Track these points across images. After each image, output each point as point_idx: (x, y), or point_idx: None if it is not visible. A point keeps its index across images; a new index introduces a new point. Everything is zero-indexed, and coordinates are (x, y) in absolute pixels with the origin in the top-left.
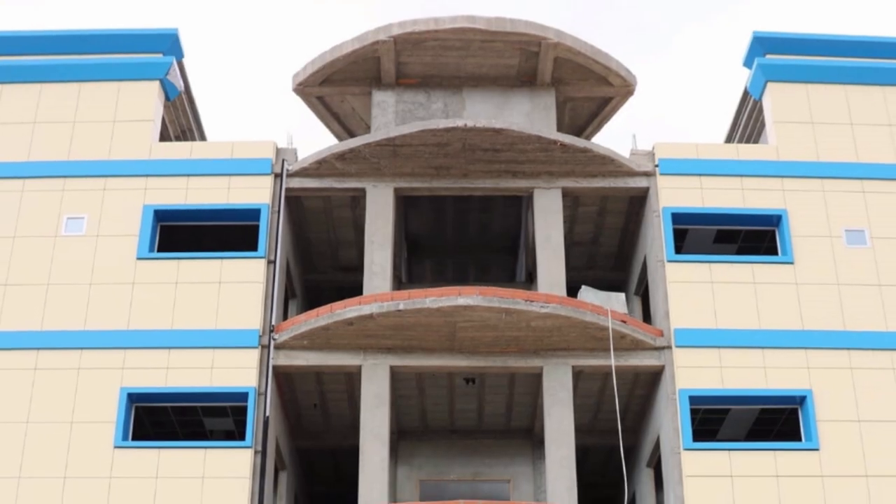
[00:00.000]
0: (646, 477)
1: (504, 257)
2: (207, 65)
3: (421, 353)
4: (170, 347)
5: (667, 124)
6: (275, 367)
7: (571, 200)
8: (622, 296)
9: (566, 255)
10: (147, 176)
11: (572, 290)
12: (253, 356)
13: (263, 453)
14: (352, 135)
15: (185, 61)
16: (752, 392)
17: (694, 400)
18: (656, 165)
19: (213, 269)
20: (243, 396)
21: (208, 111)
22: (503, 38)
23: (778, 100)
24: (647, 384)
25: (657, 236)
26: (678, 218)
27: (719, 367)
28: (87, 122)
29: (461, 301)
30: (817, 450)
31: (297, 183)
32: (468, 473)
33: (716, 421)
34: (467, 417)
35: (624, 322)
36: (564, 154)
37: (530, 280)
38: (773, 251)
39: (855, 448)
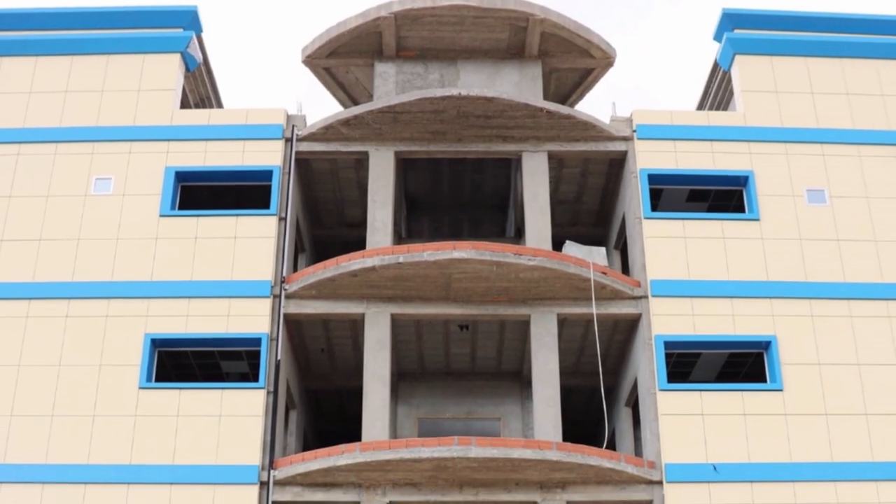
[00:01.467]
0: (624, 415)
1: (495, 214)
2: (224, 39)
3: (419, 301)
4: (189, 297)
5: (644, 93)
6: (285, 315)
7: (556, 162)
8: (603, 250)
9: (552, 213)
10: (169, 140)
11: (557, 245)
12: (265, 305)
13: (275, 393)
14: (356, 103)
15: (204, 36)
16: (722, 338)
17: (668, 345)
18: (634, 131)
19: (229, 226)
20: (257, 341)
21: (225, 81)
22: (494, 14)
23: (745, 71)
24: (625, 330)
25: (635, 195)
26: (654, 178)
27: (691, 315)
28: (114, 91)
29: (456, 254)
30: (781, 390)
31: (305, 147)
32: (462, 412)
33: (688, 364)
34: (461, 361)
35: (604, 274)
36: (550, 120)
37: (519, 235)
38: (741, 209)
39: (815, 389)
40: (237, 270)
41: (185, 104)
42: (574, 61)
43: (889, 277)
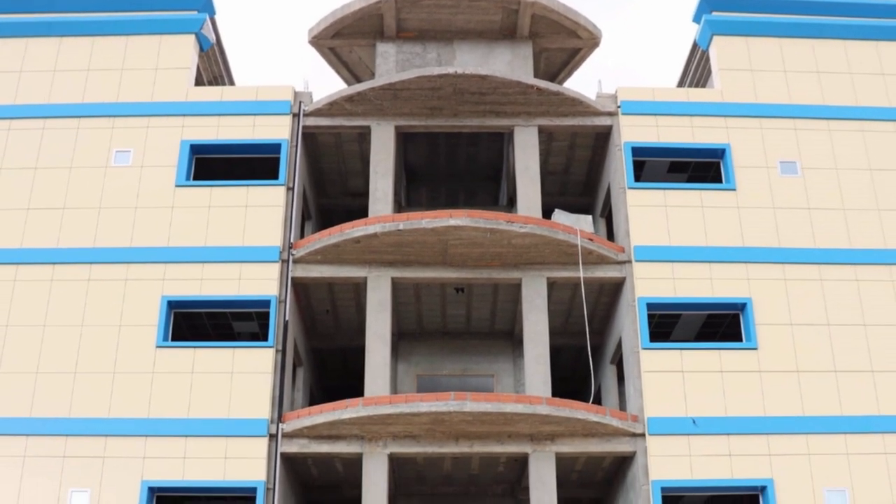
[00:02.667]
0: (610, 372)
1: (489, 185)
2: (236, 20)
3: (417, 266)
4: (203, 262)
5: (627, 71)
6: (293, 279)
7: (546, 136)
8: (589, 218)
9: (541, 183)
10: (184, 115)
11: (547, 213)
12: (274, 269)
13: (283, 352)
14: (359, 80)
15: (217, 18)
16: (700, 300)
17: (650, 306)
18: (618, 106)
19: (240, 195)
20: (266, 303)
21: (236, 60)
22: None
23: (722, 50)
24: (610, 293)
25: (619, 167)
26: (637, 151)
27: (672, 279)
28: (132, 69)
29: (452, 222)
30: (756, 349)
31: (311, 121)
32: (458, 369)
33: (669, 324)
34: (457, 321)
35: (591, 240)
36: (540, 97)
37: (511, 204)
38: (718, 179)
39: (787, 347)
40: (248, 237)
41: (199, 82)
42: (562, 42)
43: (857, 243)
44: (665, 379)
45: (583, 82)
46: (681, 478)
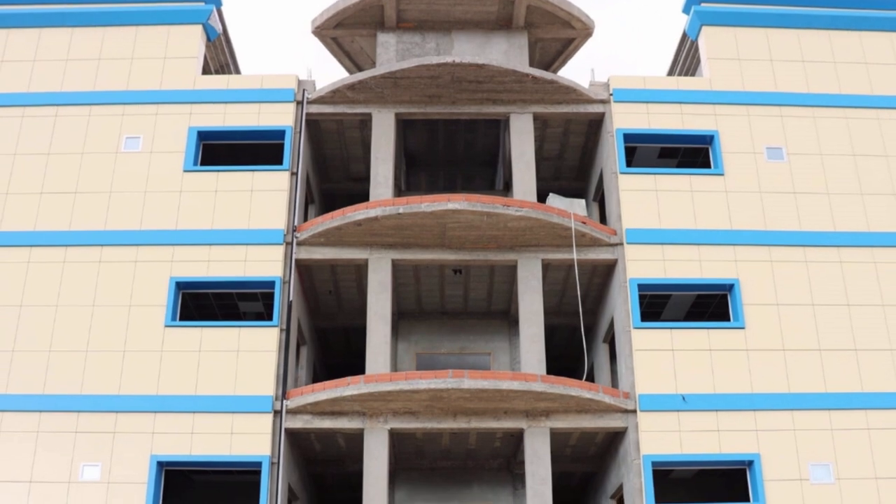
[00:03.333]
0: (602, 351)
1: (485, 170)
2: (242, 11)
3: (417, 248)
4: (210, 244)
5: (619, 61)
6: (297, 260)
7: (541, 123)
8: (582, 201)
9: (536, 168)
10: (192, 103)
11: (542, 197)
12: (279, 251)
13: (287, 331)
14: (360, 69)
15: (223, 8)
16: (690, 281)
17: (641, 287)
18: (611, 94)
19: (245, 179)
20: (271, 284)
21: (242, 50)
22: None
23: (711, 40)
24: (603, 274)
25: (611, 153)
26: (628, 137)
27: (662, 261)
28: (142, 58)
29: (450, 206)
30: (743, 328)
31: (315, 109)
32: (456, 348)
33: (659, 304)
34: (455, 301)
35: (584, 223)
36: (535, 85)
37: (507, 188)
38: (707, 165)
39: (774, 327)
40: (253, 220)
41: (206, 70)
42: (557, 32)
43: (841, 226)
44: (655, 357)
45: (576, 71)
46: (670, 452)
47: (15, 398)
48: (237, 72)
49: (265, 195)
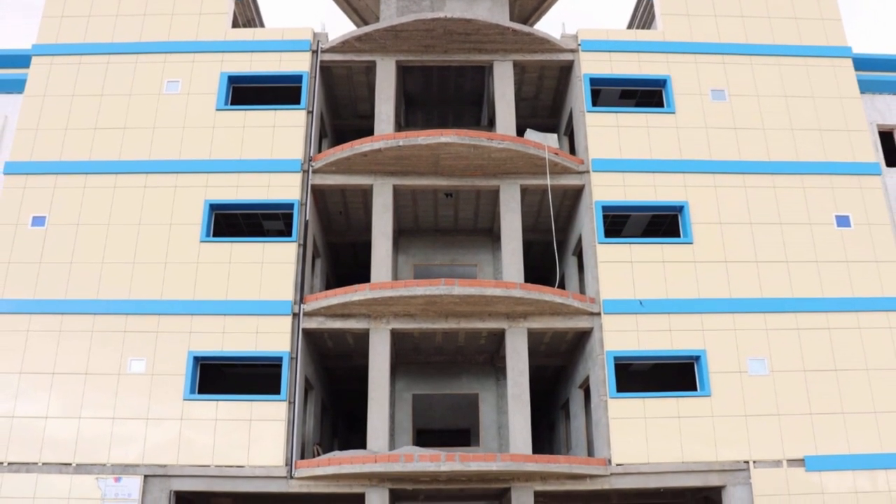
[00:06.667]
0: (572, 262)
1: (473, 109)
2: None
3: (414, 175)
4: (239, 171)
5: (587, 15)
6: (312, 185)
7: (519, 69)
8: (555, 136)
9: (516, 107)
10: (223, 52)
11: (521, 132)
12: (297, 177)
13: (304, 246)
14: (366, 23)
15: None
16: (646, 203)
17: (605, 208)
18: (579, 45)
19: (268, 117)
20: (290, 206)
21: (266, 7)
22: None
23: None
24: (572, 197)
25: (579, 94)
26: (594, 81)
27: (623, 186)
28: (181, 14)
29: (443, 139)
30: (691, 243)
31: (327, 57)
32: (447, 260)
33: (620, 223)
34: (447, 221)
35: (556, 154)
36: (515, 37)
37: (491, 125)
38: (660, 104)
39: (717, 242)
40: (275, 151)
41: (235, 24)
42: None
43: (775, 157)
44: (617, 268)
45: (550, 25)
46: (630, 349)
47: (73, 303)
48: (261, 25)
49: (285, 130)
